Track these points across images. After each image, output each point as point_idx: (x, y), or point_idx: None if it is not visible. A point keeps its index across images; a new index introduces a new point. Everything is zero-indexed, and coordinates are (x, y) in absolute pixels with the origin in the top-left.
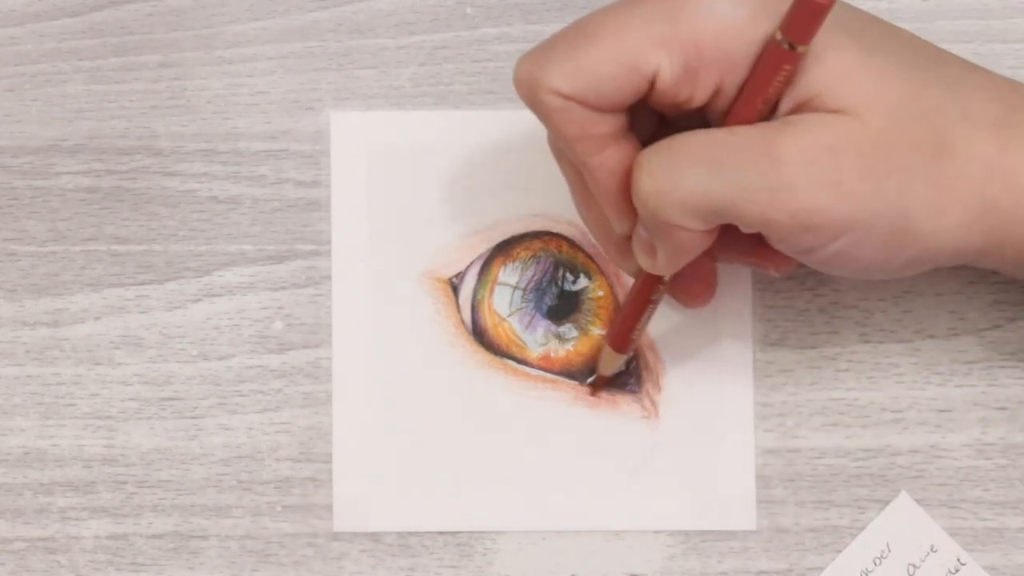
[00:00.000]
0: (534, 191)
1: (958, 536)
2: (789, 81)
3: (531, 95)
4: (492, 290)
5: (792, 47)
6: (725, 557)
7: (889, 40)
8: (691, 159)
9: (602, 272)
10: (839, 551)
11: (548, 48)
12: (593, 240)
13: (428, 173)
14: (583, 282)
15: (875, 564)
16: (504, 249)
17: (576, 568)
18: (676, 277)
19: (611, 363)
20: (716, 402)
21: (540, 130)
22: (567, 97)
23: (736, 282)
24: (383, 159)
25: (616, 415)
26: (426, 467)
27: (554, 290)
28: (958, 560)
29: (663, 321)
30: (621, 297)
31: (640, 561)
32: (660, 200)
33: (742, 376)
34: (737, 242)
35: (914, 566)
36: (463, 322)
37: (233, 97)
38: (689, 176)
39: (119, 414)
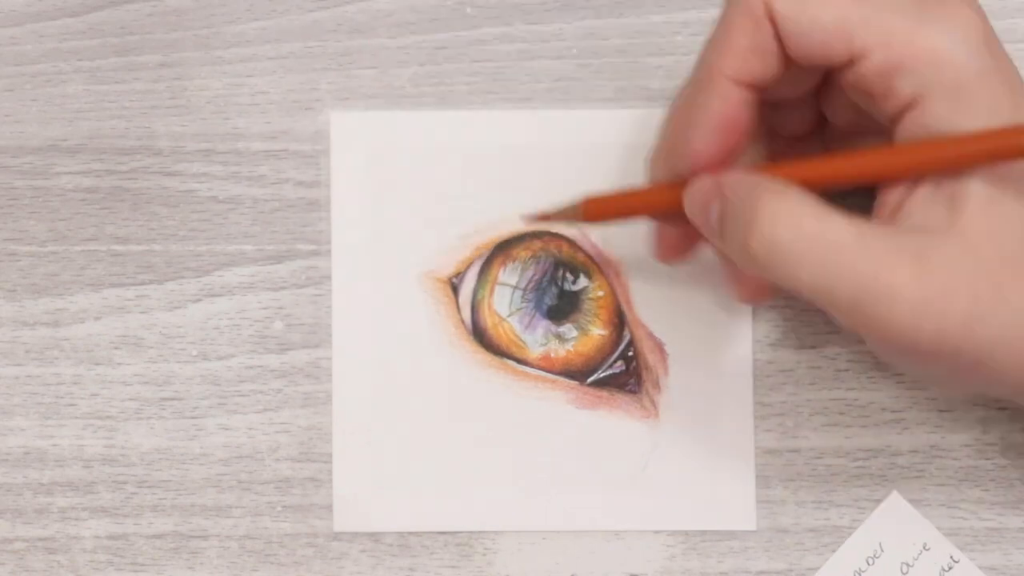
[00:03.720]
0: (534, 191)
1: (958, 536)
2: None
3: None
4: (492, 290)
5: None
6: (725, 557)
7: None
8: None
9: (602, 272)
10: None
11: None
12: (593, 240)
13: (428, 173)
14: (583, 282)
15: (868, 564)
16: (504, 249)
17: (576, 568)
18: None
19: (565, 220)
20: (716, 402)
21: (540, 130)
22: (771, 16)
23: None
24: (383, 159)
25: (616, 415)
26: (426, 467)
27: (554, 290)
28: (951, 558)
29: (663, 321)
30: (621, 297)
31: (640, 561)
32: (775, 277)
33: (742, 376)
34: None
35: (907, 565)
36: (463, 322)
37: (233, 97)
38: (803, 274)
39: (119, 414)
